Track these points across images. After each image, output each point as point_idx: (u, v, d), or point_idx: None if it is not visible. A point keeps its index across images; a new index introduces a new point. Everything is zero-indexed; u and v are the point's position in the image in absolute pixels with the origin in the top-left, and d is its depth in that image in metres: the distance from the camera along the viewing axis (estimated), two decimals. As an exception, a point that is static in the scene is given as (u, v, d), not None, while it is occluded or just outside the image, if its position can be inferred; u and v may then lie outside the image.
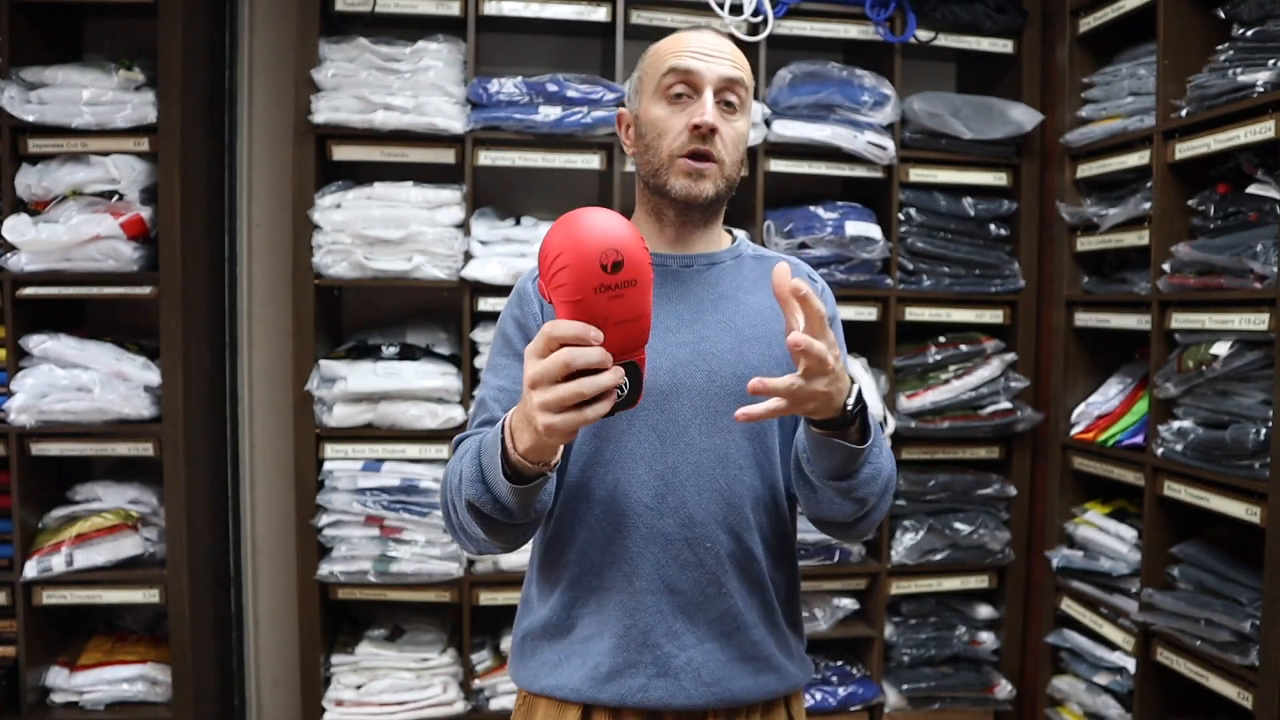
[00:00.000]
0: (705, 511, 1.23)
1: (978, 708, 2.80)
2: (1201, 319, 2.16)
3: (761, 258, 1.37)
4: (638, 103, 1.29)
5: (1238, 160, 2.15)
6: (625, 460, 1.23)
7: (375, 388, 2.43)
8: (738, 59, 1.27)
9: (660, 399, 1.22)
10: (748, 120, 1.29)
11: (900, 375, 2.73)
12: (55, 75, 2.31)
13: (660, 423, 1.23)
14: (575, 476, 1.25)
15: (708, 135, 1.22)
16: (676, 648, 1.22)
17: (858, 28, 2.67)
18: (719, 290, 1.30)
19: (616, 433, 1.23)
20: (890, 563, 2.70)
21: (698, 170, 1.23)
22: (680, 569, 1.22)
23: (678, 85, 1.24)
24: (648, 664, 1.22)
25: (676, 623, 1.23)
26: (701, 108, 1.22)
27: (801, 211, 2.64)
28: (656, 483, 1.22)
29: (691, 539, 1.22)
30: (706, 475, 1.23)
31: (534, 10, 2.52)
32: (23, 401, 2.29)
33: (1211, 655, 2.08)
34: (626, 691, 1.22)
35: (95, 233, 2.30)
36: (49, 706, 2.42)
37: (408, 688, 2.50)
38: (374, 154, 2.49)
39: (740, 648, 1.25)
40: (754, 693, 1.26)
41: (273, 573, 2.81)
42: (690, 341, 1.25)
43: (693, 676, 1.22)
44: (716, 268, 1.32)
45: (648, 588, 1.22)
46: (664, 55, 1.27)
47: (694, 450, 1.23)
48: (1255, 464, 2.01)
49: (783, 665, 1.29)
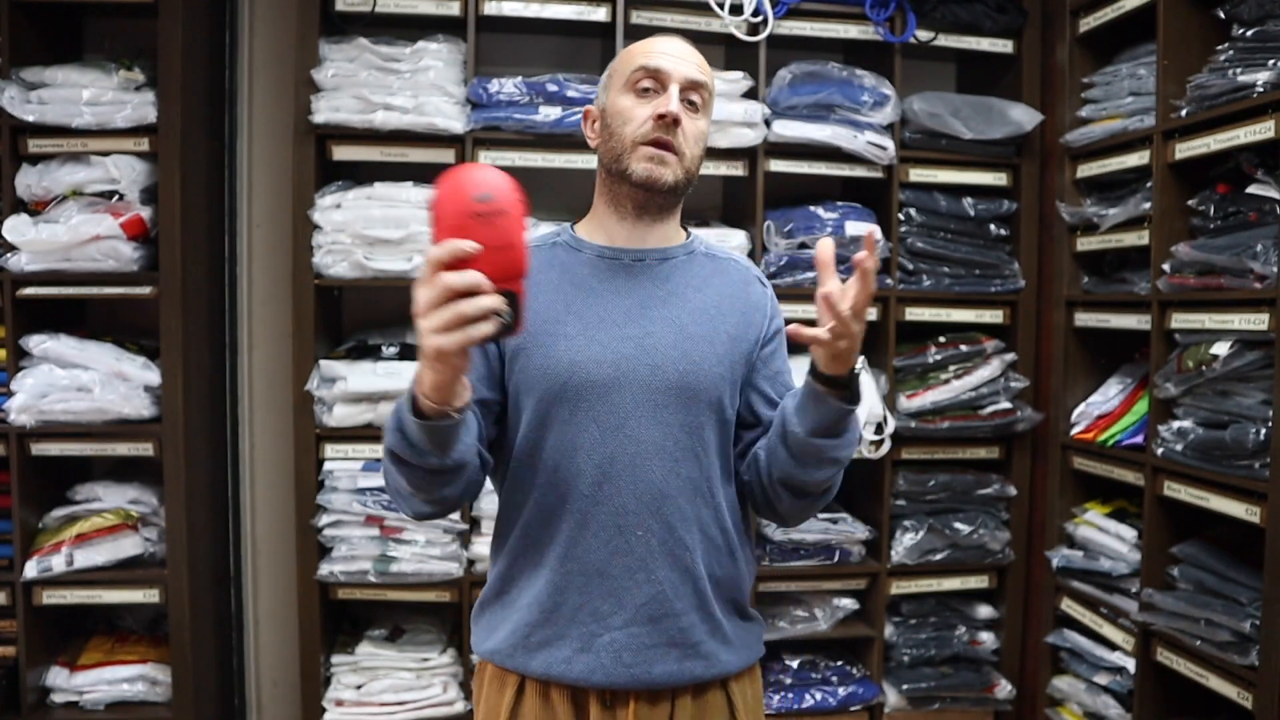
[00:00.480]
0: (639, 501, 1.28)
1: (978, 708, 2.80)
2: (1201, 319, 2.16)
3: (713, 256, 1.42)
4: (605, 98, 1.36)
5: (1238, 160, 2.15)
6: (566, 448, 1.29)
7: (375, 388, 2.43)
8: (703, 66, 1.34)
9: (603, 390, 1.28)
10: (708, 122, 1.36)
11: (900, 375, 2.73)
12: (55, 75, 2.31)
13: (602, 414, 1.28)
14: (520, 461, 1.32)
15: (671, 126, 1.28)
16: (601, 627, 1.29)
17: (858, 28, 2.67)
18: (668, 287, 1.35)
19: (559, 422, 1.29)
20: (890, 563, 2.70)
21: (659, 156, 1.29)
22: (611, 554, 1.28)
23: (645, 80, 1.31)
24: (573, 638, 1.29)
25: (604, 604, 1.29)
26: (667, 99, 1.29)
27: (801, 211, 2.64)
28: (594, 471, 1.28)
29: (624, 526, 1.28)
30: (643, 466, 1.28)
31: (534, 10, 2.52)
32: (23, 401, 2.29)
33: (1211, 655, 2.08)
34: (552, 662, 1.29)
35: (95, 233, 2.30)
36: (49, 706, 2.42)
37: (408, 688, 2.50)
38: (374, 154, 2.49)
39: (666, 633, 1.30)
40: (675, 677, 1.30)
41: (273, 573, 2.81)
42: (635, 336, 1.30)
43: (614, 656, 1.28)
44: (668, 263, 1.37)
45: (578, 569, 1.29)
46: (634, 55, 1.34)
47: (633, 441, 1.28)
48: (1255, 464, 2.01)
49: (713, 652, 1.33)
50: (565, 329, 1.30)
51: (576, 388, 1.28)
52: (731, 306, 1.37)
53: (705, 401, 1.31)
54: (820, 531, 2.67)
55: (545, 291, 1.32)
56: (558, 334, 1.30)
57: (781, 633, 2.69)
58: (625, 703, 1.30)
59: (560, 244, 1.39)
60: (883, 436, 2.64)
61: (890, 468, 2.70)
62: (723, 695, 1.36)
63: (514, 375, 1.31)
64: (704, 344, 1.32)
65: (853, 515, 2.77)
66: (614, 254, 1.35)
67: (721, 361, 1.33)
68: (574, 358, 1.28)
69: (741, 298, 1.39)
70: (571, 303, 1.32)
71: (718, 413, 1.33)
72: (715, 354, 1.32)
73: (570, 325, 1.30)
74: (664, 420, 1.29)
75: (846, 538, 2.69)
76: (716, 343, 1.33)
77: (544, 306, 1.31)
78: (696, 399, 1.30)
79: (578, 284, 1.33)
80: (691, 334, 1.32)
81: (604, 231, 1.37)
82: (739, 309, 1.38)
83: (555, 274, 1.34)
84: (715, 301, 1.36)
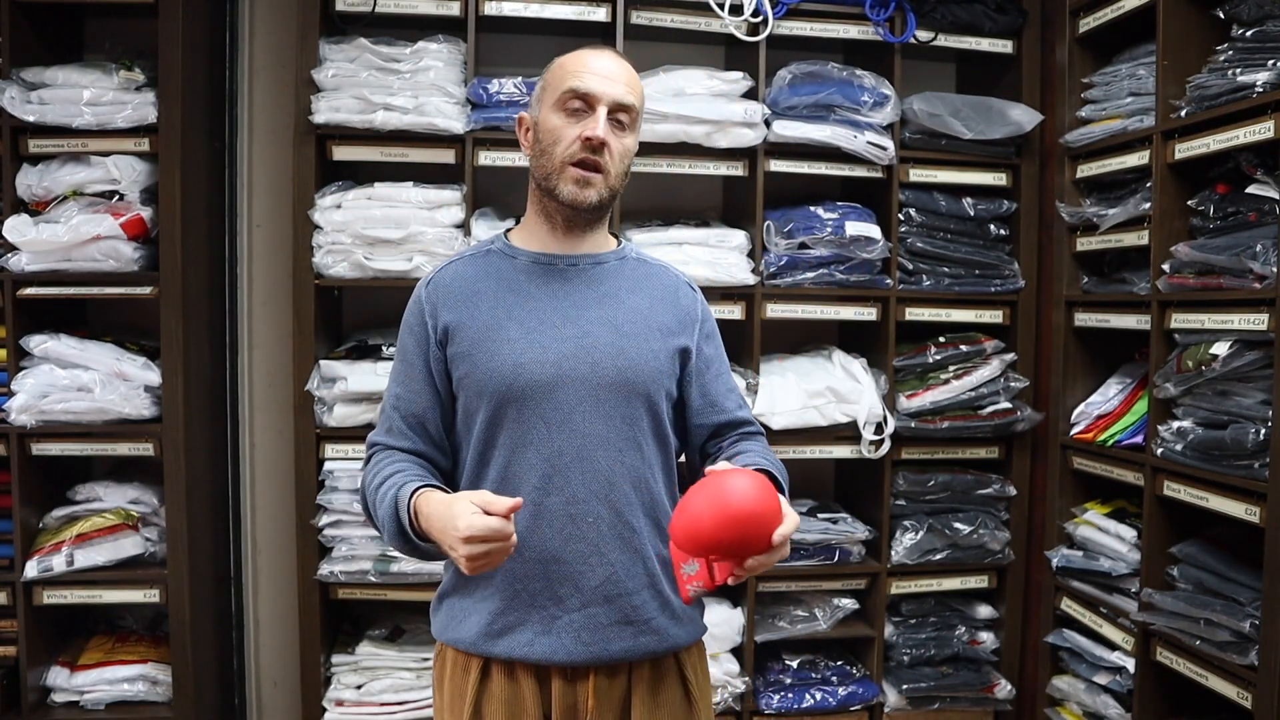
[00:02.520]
0: (587, 490, 1.38)
1: (978, 707, 2.80)
2: (1201, 319, 2.16)
3: (644, 261, 1.53)
4: (538, 110, 1.43)
5: (1237, 160, 2.15)
6: (516, 445, 1.38)
7: (375, 388, 2.43)
8: (633, 84, 1.41)
9: (547, 389, 1.37)
10: (635, 138, 1.43)
11: (900, 375, 2.74)
12: (55, 75, 2.31)
13: (547, 411, 1.37)
14: (476, 460, 1.41)
15: (598, 148, 1.36)
16: (560, 610, 1.38)
17: (858, 28, 2.67)
18: (602, 289, 1.45)
19: (509, 421, 1.38)
20: (890, 563, 2.70)
21: (585, 178, 1.38)
22: (564, 541, 1.38)
23: (574, 101, 1.38)
24: (534, 622, 1.38)
25: (562, 588, 1.38)
26: (594, 122, 1.36)
27: (801, 211, 2.64)
28: (544, 465, 1.37)
29: (575, 514, 1.38)
30: (589, 457, 1.38)
31: (534, 10, 2.52)
32: (23, 401, 2.29)
33: (1211, 655, 2.08)
34: (515, 645, 1.38)
35: (95, 233, 2.30)
36: (49, 706, 2.42)
37: (408, 688, 2.51)
38: (374, 154, 2.49)
39: (621, 611, 1.40)
40: (632, 652, 1.41)
41: (273, 573, 2.81)
42: (574, 336, 1.40)
43: (574, 636, 1.38)
44: (601, 267, 1.46)
45: (535, 557, 1.38)
46: (566, 72, 1.40)
47: (578, 435, 1.38)
48: (1255, 464, 2.01)
49: (664, 628, 1.43)
50: (507, 334, 1.39)
51: (522, 388, 1.37)
52: (664, 308, 1.47)
53: (641, 395, 1.41)
54: (820, 531, 2.67)
55: (485, 299, 1.42)
56: (500, 339, 1.39)
57: (781, 633, 2.69)
58: (585, 676, 1.40)
59: (495, 252, 1.48)
60: (883, 436, 2.64)
61: (890, 468, 2.70)
62: (675, 667, 1.46)
63: (460, 380, 1.41)
64: (638, 341, 1.42)
65: (853, 515, 2.77)
66: (548, 260, 1.45)
67: (656, 357, 1.43)
68: (518, 359, 1.38)
69: (672, 300, 1.49)
70: (511, 309, 1.41)
71: (653, 405, 1.43)
72: (650, 350, 1.42)
73: (512, 330, 1.39)
74: (606, 413, 1.39)
75: (846, 538, 2.69)
76: (650, 340, 1.43)
77: (485, 313, 1.41)
78: (634, 393, 1.40)
79: (515, 290, 1.43)
80: (627, 333, 1.42)
81: (537, 239, 1.47)
82: (670, 310, 1.48)
83: (493, 282, 1.43)
84: (648, 303, 1.46)
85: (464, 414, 1.43)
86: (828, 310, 2.67)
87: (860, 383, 2.66)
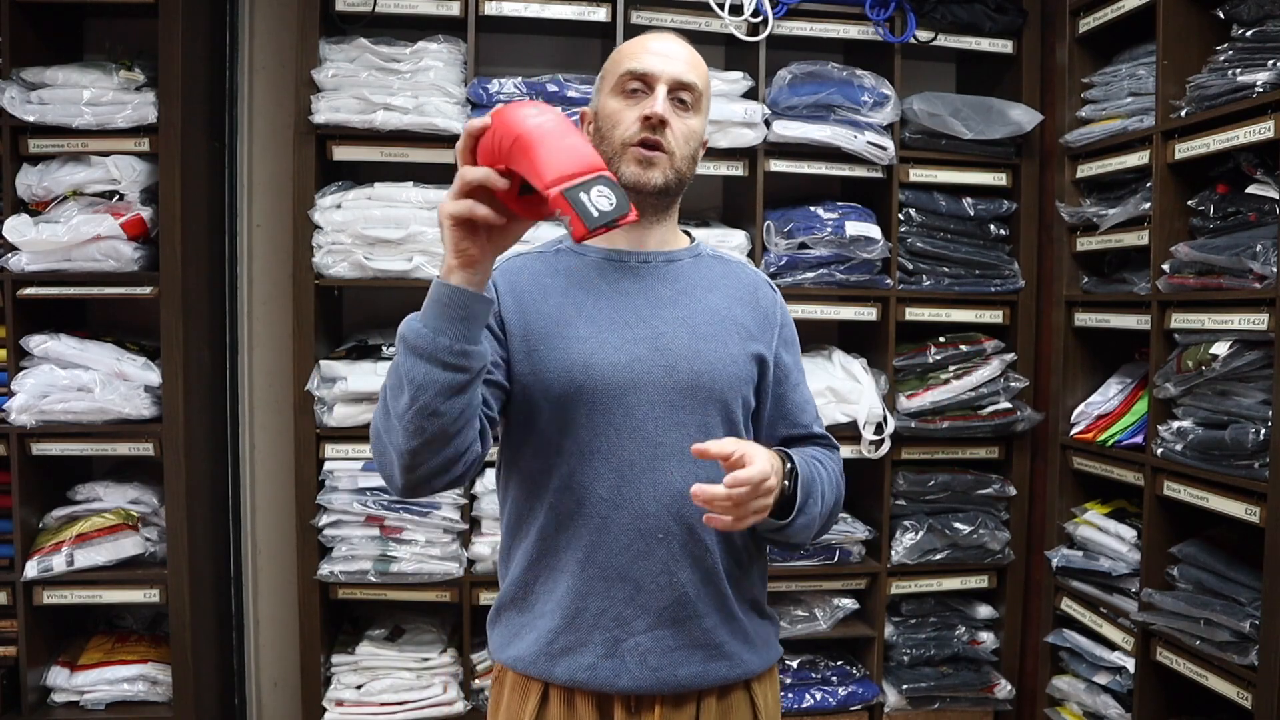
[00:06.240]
0: (659, 504, 1.27)
1: (978, 707, 2.80)
2: (1201, 319, 2.16)
3: (721, 259, 1.42)
4: (598, 100, 1.36)
5: (1237, 160, 2.15)
6: (582, 453, 1.27)
7: (375, 388, 2.43)
8: (694, 63, 1.33)
9: (618, 392, 1.26)
10: (701, 120, 1.34)
11: (900, 375, 2.74)
12: (55, 75, 2.31)
13: (618, 417, 1.26)
14: (536, 465, 1.30)
15: (658, 126, 1.28)
16: (625, 632, 1.27)
17: (858, 28, 2.67)
18: (677, 287, 1.34)
19: (576, 425, 1.27)
20: (890, 563, 2.70)
21: (647, 158, 1.28)
22: (633, 559, 1.26)
23: (633, 83, 1.31)
24: (596, 644, 1.27)
25: (627, 609, 1.27)
26: (653, 100, 1.29)
27: (801, 211, 2.64)
28: (613, 475, 1.26)
29: (645, 530, 1.26)
30: (661, 469, 1.27)
31: (534, 10, 2.52)
32: (23, 401, 2.29)
33: (1211, 655, 2.08)
34: (576, 668, 1.26)
35: (96, 233, 2.30)
36: (49, 706, 2.42)
37: (408, 688, 2.51)
38: (374, 154, 2.49)
39: (690, 635, 1.28)
40: (701, 679, 1.29)
41: (273, 573, 2.81)
42: (648, 336, 1.29)
43: (639, 660, 1.26)
44: (675, 264, 1.36)
45: (600, 574, 1.27)
46: (624, 56, 1.34)
47: (650, 444, 1.27)
48: (1255, 464, 2.01)
49: (736, 653, 1.32)
50: (577, 330, 1.28)
51: (592, 390, 1.26)
52: (743, 308, 1.37)
53: (718, 402, 1.30)
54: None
55: (554, 295, 1.31)
56: (570, 336, 1.28)
57: (781, 632, 2.68)
58: (650, 707, 1.28)
59: (564, 250, 1.38)
60: (883, 436, 2.64)
61: (890, 468, 2.70)
62: (746, 696, 1.35)
63: (525, 375, 1.28)
64: (716, 344, 1.31)
65: (853, 515, 2.77)
66: (619, 256, 1.35)
67: (735, 361, 1.32)
68: (588, 360, 1.27)
69: (751, 300, 1.39)
70: (581, 305, 1.30)
71: (729, 413, 1.32)
72: (728, 354, 1.32)
73: (582, 327, 1.29)
74: (680, 421, 1.28)
75: (846, 537, 2.69)
76: (729, 343, 1.32)
77: (553, 309, 1.30)
78: (710, 399, 1.30)
79: (585, 287, 1.32)
80: (703, 334, 1.31)
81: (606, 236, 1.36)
82: (750, 311, 1.38)
83: (562, 279, 1.34)
84: (726, 303, 1.35)
85: (521, 416, 1.30)
86: (828, 310, 2.67)
87: (860, 383, 2.66)
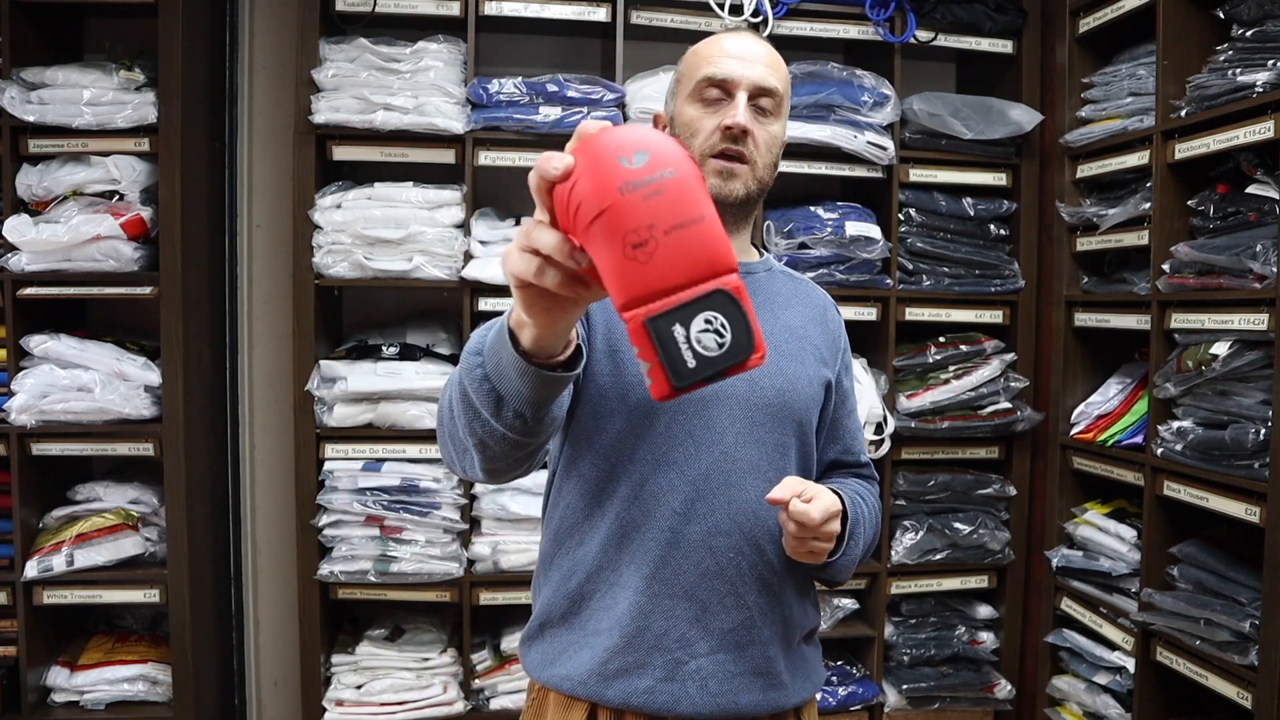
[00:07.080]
0: (733, 522, 1.22)
1: (977, 707, 2.80)
2: (1201, 319, 2.16)
3: (791, 276, 1.39)
4: (674, 104, 1.30)
5: (1237, 160, 2.15)
6: (657, 461, 1.21)
7: (375, 388, 2.43)
8: (775, 65, 1.27)
9: (700, 404, 1.22)
10: (783, 124, 1.29)
11: (900, 375, 2.74)
12: (55, 75, 2.31)
13: (698, 429, 1.22)
14: (603, 469, 1.23)
15: (739, 136, 1.23)
16: (687, 654, 1.21)
17: (858, 28, 2.67)
18: (755, 301, 1.27)
19: (653, 433, 1.21)
20: (890, 563, 2.70)
21: (728, 169, 1.23)
22: (701, 577, 1.21)
23: (711, 89, 1.25)
24: (656, 666, 1.20)
25: (691, 630, 1.21)
26: (734, 109, 1.23)
27: (801, 211, 2.64)
28: (688, 488, 1.21)
29: (716, 548, 1.21)
30: (738, 485, 1.22)
31: (534, 10, 2.52)
32: (23, 401, 2.29)
33: (1211, 655, 2.08)
34: (632, 691, 1.20)
35: (96, 233, 2.30)
36: (49, 706, 2.42)
37: (408, 688, 2.51)
38: (374, 154, 2.49)
39: (752, 661, 1.24)
40: (760, 707, 1.24)
41: (273, 573, 2.81)
42: None
43: (700, 685, 1.21)
44: (751, 278, 1.31)
45: (665, 592, 1.21)
46: (701, 59, 1.27)
47: (728, 459, 1.22)
48: (1255, 464, 2.01)
49: (790, 682, 1.28)
50: None
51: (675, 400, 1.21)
52: (816, 329, 1.34)
53: (795, 422, 1.27)
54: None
55: None
56: None
57: (781, 632, 2.69)
58: None
59: None
60: (883, 436, 2.64)
61: (890, 468, 2.70)
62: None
63: (605, 375, 1.22)
64: (796, 363, 1.28)
65: (853, 515, 2.77)
66: None
67: (812, 382, 1.29)
68: None
69: (821, 321, 1.36)
70: None
71: (804, 434, 1.29)
72: (807, 375, 1.29)
73: None
74: (759, 438, 1.24)
75: (846, 537, 2.69)
76: (806, 362, 1.30)
77: None
78: (789, 418, 1.27)
79: None
80: (785, 351, 1.28)
81: None
82: (822, 332, 1.35)
83: None
84: (802, 322, 1.33)
85: (593, 418, 1.23)
86: (828, 310, 2.67)
87: (860, 382, 2.66)
